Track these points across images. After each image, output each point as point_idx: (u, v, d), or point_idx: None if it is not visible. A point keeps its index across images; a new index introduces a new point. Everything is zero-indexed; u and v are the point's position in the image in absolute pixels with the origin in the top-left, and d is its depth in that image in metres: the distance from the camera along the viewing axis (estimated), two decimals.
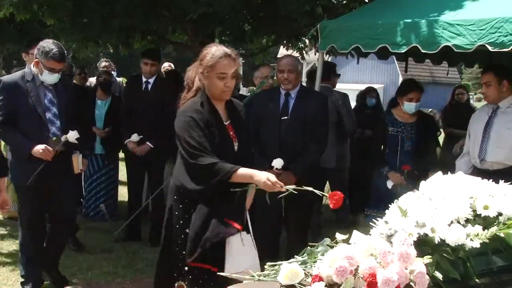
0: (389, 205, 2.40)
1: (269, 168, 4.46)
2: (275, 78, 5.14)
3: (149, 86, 6.08)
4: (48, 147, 4.28)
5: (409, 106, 4.89)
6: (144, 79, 6.10)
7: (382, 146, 5.08)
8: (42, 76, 4.32)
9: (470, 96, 12.34)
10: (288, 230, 4.91)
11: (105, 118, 6.71)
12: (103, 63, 8.22)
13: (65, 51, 4.42)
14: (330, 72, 6.33)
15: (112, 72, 8.36)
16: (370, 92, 7.44)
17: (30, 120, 4.34)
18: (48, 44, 4.30)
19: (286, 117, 4.58)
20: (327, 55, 6.47)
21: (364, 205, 5.15)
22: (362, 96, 7.45)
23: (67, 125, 4.42)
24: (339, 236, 2.26)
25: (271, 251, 4.73)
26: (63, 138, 4.37)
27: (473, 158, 4.51)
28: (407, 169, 4.78)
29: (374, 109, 7.20)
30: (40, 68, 4.31)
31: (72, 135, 4.40)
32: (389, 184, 4.86)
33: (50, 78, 4.34)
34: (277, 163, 4.45)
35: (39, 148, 4.24)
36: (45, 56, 4.25)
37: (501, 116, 4.40)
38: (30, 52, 5.19)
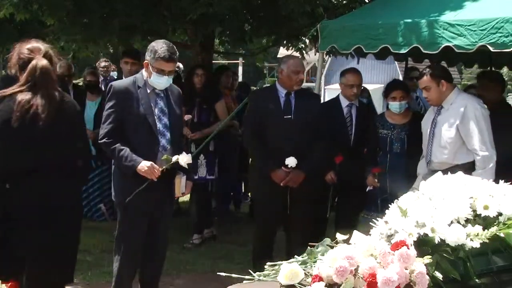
0: (380, 207, 2.41)
1: (278, 166, 4.49)
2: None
3: None
4: (155, 165, 3.80)
5: (393, 106, 4.91)
6: None
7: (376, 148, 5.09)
8: (151, 79, 3.89)
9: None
10: (290, 229, 4.89)
11: (95, 119, 6.48)
12: (102, 63, 8.22)
13: (177, 52, 3.98)
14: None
15: (112, 73, 8.35)
16: (361, 92, 7.41)
17: (139, 131, 3.86)
18: (157, 43, 3.92)
19: (289, 116, 4.61)
20: (327, 55, 6.47)
21: (359, 206, 5.15)
22: None
23: (176, 138, 4.03)
24: (339, 236, 2.26)
25: (266, 249, 4.76)
26: (174, 159, 3.86)
27: (425, 161, 4.50)
28: (377, 171, 4.84)
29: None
30: (149, 71, 3.89)
31: (185, 159, 3.89)
32: (368, 188, 4.94)
33: (159, 81, 3.90)
34: (291, 161, 4.49)
35: (144, 165, 3.75)
36: (153, 56, 3.86)
37: (444, 115, 4.36)
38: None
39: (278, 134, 4.56)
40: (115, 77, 8.75)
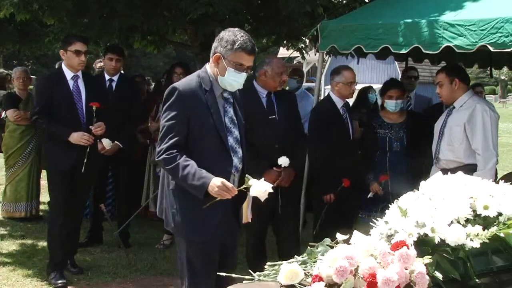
0: (381, 208, 2.41)
1: (269, 167, 4.49)
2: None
3: (113, 85, 5.82)
4: (227, 183, 2.97)
5: (389, 104, 4.93)
6: (107, 77, 5.82)
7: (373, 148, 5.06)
8: (225, 77, 3.11)
9: None
10: (282, 230, 4.86)
11: None
12: (98, 64, 8.20)
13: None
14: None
15: None
16: (370, 89, 7.41)
17: (210, 148, 3.10)
18: (232, 32, 3.14)
19: (274, 116, 4.61)
20: (327, 55, 6.47)
21: (357, 206, 5.15)
22: (363, 93, 7.39)
23: (246, 155, 3.28)
24: (339, 236, 2.26)
25: (260, 249, 4.75)
26: (250, 182, 2.97)
27: (434, 158, 4.58)
28: (385, 179, 4.84)
29: (370, 108, 7.16)
30: (221, 67, 3.12)
31: (260, 189, 2.95)
32: (369, 194, 4.93)
33: (236, 79, 3.12)
34: (284, 160, 4.49)
35: (214, 184, 2.94)
36: (230, 46, 3.09)
37: (454, 115, 4.45)
38: (69, 49, 4.75)
39: (265, 134, 4.54)
40: None
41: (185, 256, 3.17)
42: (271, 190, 2.95)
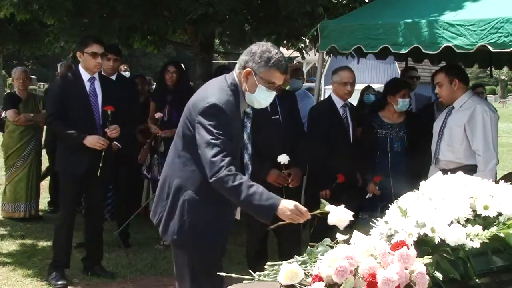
0: (382, 207, 2.42)
1: (272, 167, 4.48)
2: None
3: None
4: (299, 206, 2.76)
5: (403, 103, 4.92)
6: None
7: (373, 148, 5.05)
8: (255, 94, 2.94)
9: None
10: (283, 230, 4.83)
11: None
12: None
13: None
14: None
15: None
16: (369, 89, 7.41)
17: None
18: (266, 47, 2.95)
19: (277, 116, 4.61)
20: (327, 55, 6.48)
21: (356, 206, 5.14)
22: (362, 94, 7.41)
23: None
24: (339, 236, 2.27)
25: (258, 250, 4.74)
26: (327, 208, 2.73)
27: (433, 159, 4.58)
28: (378, 180, 4.84)
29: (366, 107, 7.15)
30: (251, 83, 2.93)
31: (339, 219, 2.70)
32: (368, 195, 4.93)
33: (265, 97, 2.97)
34: (283, 158, 4.45)
35: (286, 208, 2.73)
36: (264, 63, 2.90)
37: (454, 115, 4.44)
38: (86, 51, 4.73)
39: (269, 135, 4.50)
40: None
41: (187, 264, 3.09)
42: (352, 218, 2.71)
